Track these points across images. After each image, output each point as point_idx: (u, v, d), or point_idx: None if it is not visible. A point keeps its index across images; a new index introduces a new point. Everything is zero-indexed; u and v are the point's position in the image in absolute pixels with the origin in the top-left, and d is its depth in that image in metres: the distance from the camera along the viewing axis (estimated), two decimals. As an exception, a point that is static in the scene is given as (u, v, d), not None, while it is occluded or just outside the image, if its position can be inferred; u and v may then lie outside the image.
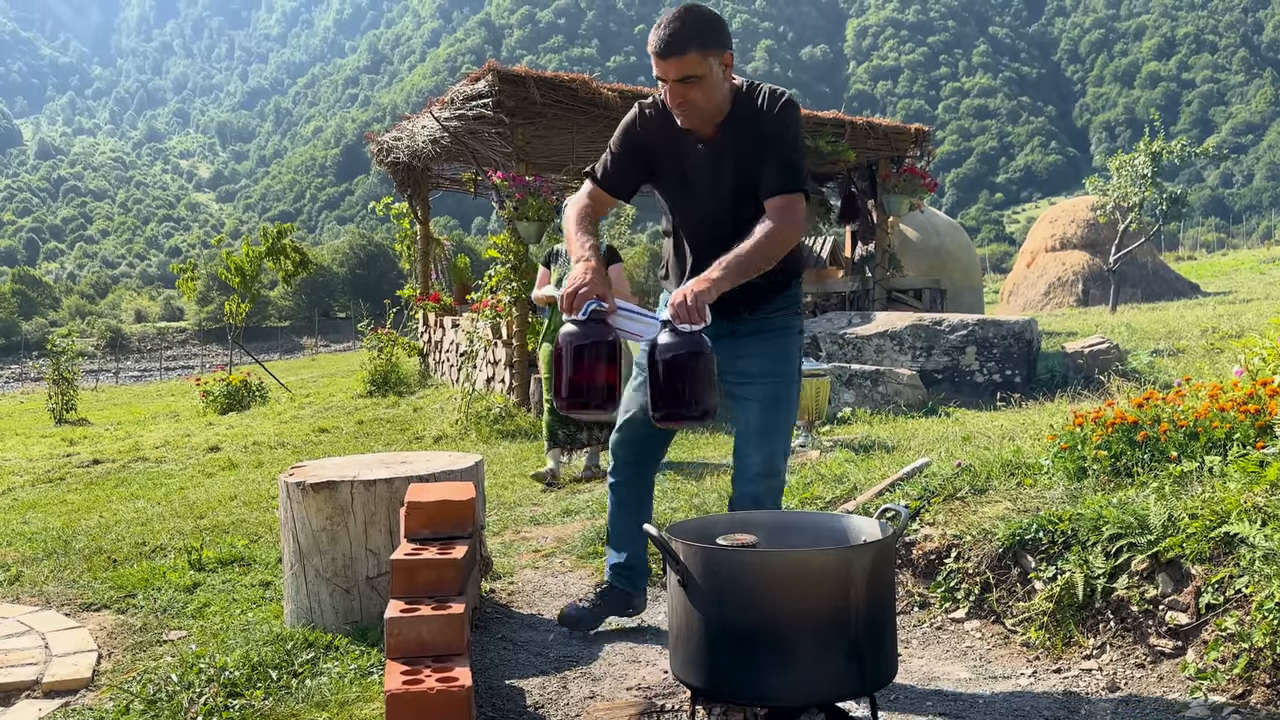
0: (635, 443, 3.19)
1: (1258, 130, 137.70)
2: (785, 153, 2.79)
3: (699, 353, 2.51)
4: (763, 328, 2.97)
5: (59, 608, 3.86)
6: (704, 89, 2.74)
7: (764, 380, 2.96)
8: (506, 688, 2.91)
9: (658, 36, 2.71)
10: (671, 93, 2.75)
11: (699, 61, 2.69)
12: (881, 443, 5.70)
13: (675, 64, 2.69)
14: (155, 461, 8.27)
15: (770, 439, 2.97)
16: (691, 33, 2.69)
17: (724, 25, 2.78)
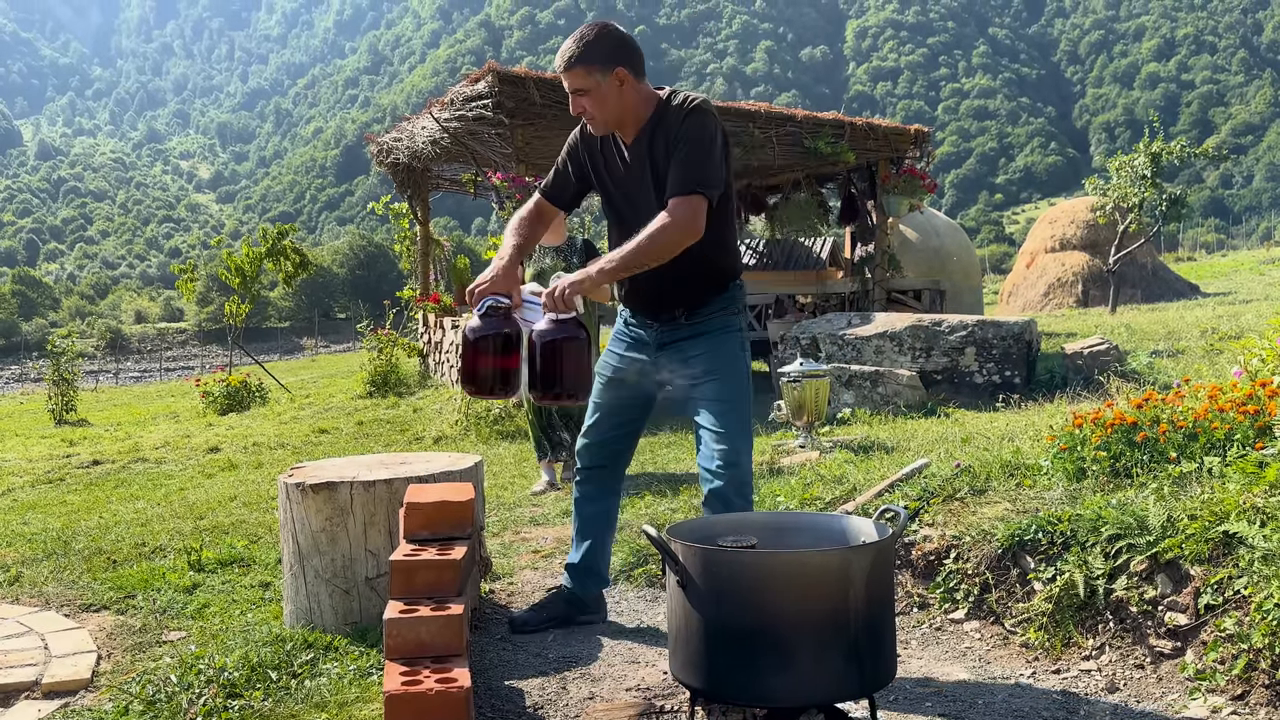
0: (592, 450, 3.33)
1: (1257, 131, 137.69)
2: (688, 154, 2.92)
3: (572, 338, 2.78)
4: (702, 329, 3.09)
5: (58, 608, 3.86)
6: (594, 100, 2.97)
7: (710, 379, 3.07)
8: (506, 688, 2.91)
9: (563, 47, 3.00)
10: (575, 104, 3.00)
11: (584, 76, 2.94)
12: (881, 443, 5.70)
13: (566, 77, 2.98)
14: (155, 462, 8.27)
15: (726, 435, 3.05)
16: (581, 51, 2.94)
17: (619, 44, 2.97)
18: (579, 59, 2.93)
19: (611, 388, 3.26)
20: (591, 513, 3.37)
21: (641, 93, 3.01)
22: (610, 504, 3.41)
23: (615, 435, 3.30)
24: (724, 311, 3.09)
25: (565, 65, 2.96)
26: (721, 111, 10.98)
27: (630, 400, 3.27)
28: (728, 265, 3.10)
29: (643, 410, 3.32)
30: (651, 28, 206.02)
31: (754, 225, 14.57)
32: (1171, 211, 17.54)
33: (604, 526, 3.42)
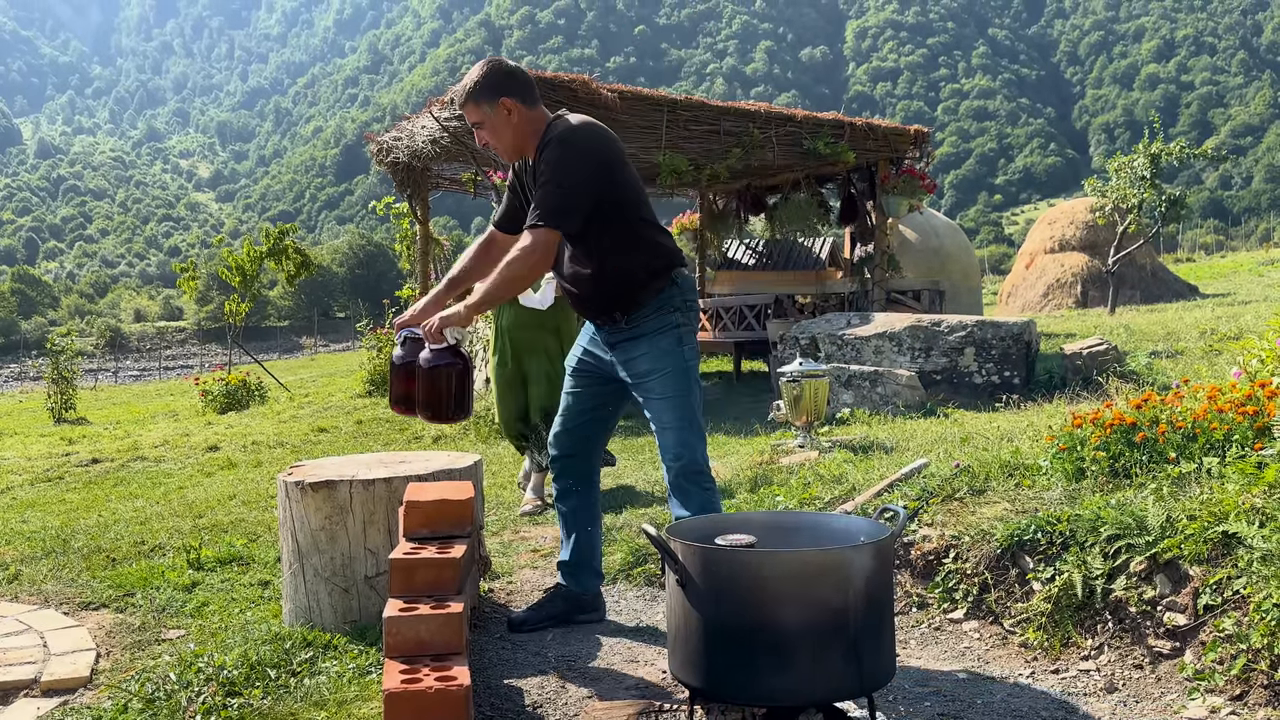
0: (561, 441, 3.41)
1: (1257, 132, 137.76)
2: (540, 186, 3.07)
3: (449, 365, 3.11)
4: (642, 331, 3.19)
5: (57, 606, 3.86)
6: (489, 131, 3.17)
7: (654, 377, 3.19)
8: (505, 687, 2.91)
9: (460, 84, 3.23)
10: (478, 137, 3.22)
11: (475, 110, 3.16)
12: (880, 443, 5.70)
13: (463, 113, 3.20)
14: (154, 461, 8.27)
15: (674, 428, 3.17)
16: (469, 88, 3.16)
17: (504, 76, 3.15)
18: (467, 96, 3.15)
19: (576, 378, 3.40)
20: (573, 506, 3.43)
21: (532, 119, 3.16)
22: (590, 495, 3.46)
23: (582, 423, 3.39)
24: (659, 311, 3.18)
25: (459, 103, 3.20)
26: (721, 111, 10.99)
27: (595, 390, 3.37)
28: (645, 268, 3.18)
29: (608, 400, 3.40)
30: (651, 27, 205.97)
31: (753, 225, 14.58)
32: (1170, 213, 17.54)
33: (588, 519, 3.46)
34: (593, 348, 3.36)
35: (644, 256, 3.18)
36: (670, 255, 3.23)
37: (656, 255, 3.21)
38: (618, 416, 3.50)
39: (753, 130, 10.54)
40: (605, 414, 3.44)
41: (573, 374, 3.41)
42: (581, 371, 3.39)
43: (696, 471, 3.17)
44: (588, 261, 3.17)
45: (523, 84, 3.15)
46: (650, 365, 3.18)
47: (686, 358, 3.20)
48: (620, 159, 3.14)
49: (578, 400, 3.39)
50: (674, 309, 3.21)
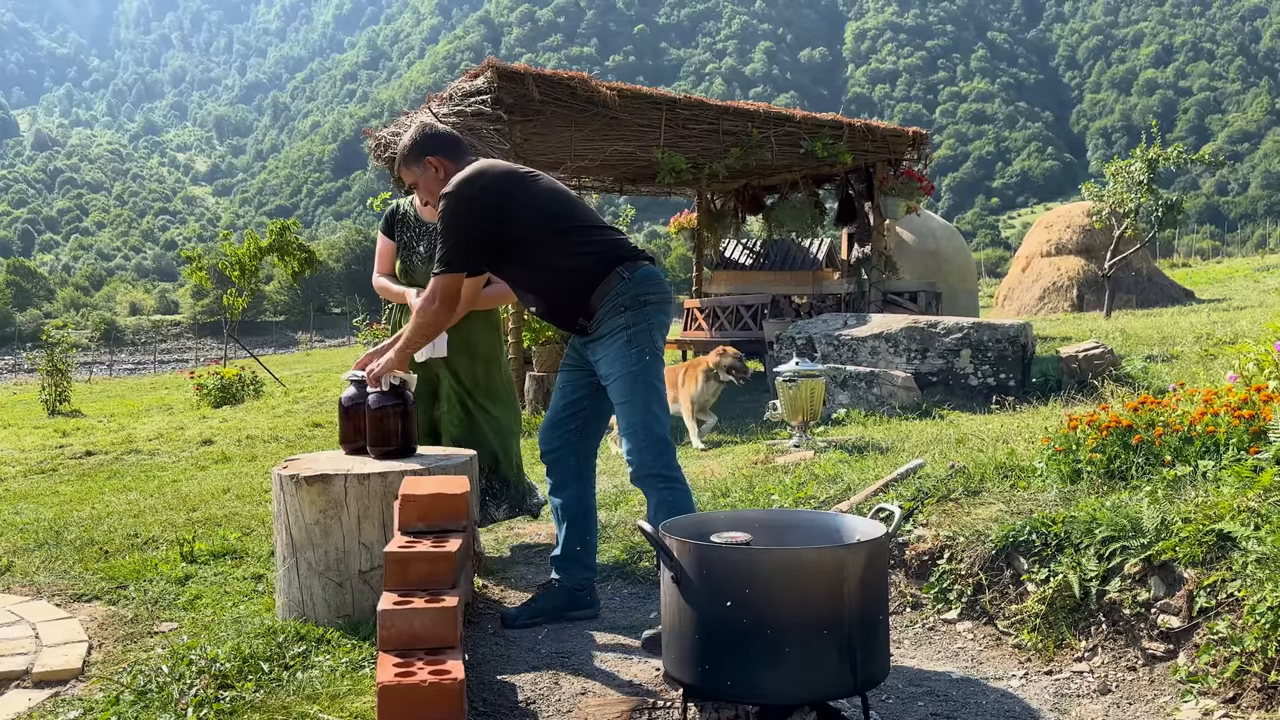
0: (549, 430, 3.48)
1: (1254, 138, 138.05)
2: (438, 238, 3.31)
3: (392, 406, 3.47)
4: (599, 334, 3.28)
5: (50, 598, 3.85)
6: (423, 189, 3.50)
7: (610, 380, 3.30)
8: (498, 683, 2.91)
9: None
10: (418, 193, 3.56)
11: (407, 172, 3.51)
12: (875, 444, 5.70)
13: (401, 175, 3.53)
14: (148, 454, 8.26)
15: (627, 434, 3.26)
16: (400, 154, 3.51)
17: (429, 139, 3.46)
18: (399, 161, 3.52)
19: (565, 372, 3.50)
20: (564, 500, 3.46)
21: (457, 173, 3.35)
22: (580, 489, 3.48)
23: (566, 416, 3.46)
24: (611, 313, 3.24)
25: (396, 168, 3.57)
26: (720, 110, 10.97)
27: (579, 386, 3.45)
28: (586, 274, 3.25)
29: (588, 393, 3.45)
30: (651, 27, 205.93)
31: (751, 225, 14.58)
32: (1167, 217, 17.56)
33: (580, 512, 3.47)
34: (577, 346, 3.47)
35: (582, 261, 3.25)
36: (611, 251, 3.28)
37: (595, 258, 3.27)
38: (603, 415, 3.52)
39: (751, 130, 10.54)
40: (589, 408, 3.48)
41: (563, 369, 3.50)
42: (568, 366, 3.49)
43: (646, 475, 3.24)
44: (531, 283, 3.35)
45: (448, 142, 3.47)
46: (606, 369, 3.29)
47: (632, 362, 3.23)
48: (506, 199, 3.26)
49: (561, 394, 3.49)
50: (623, 308, 3.24)
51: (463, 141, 3.52)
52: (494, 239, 3.26)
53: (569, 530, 3.46)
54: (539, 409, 9.06)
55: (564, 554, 3.47)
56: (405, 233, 4.20)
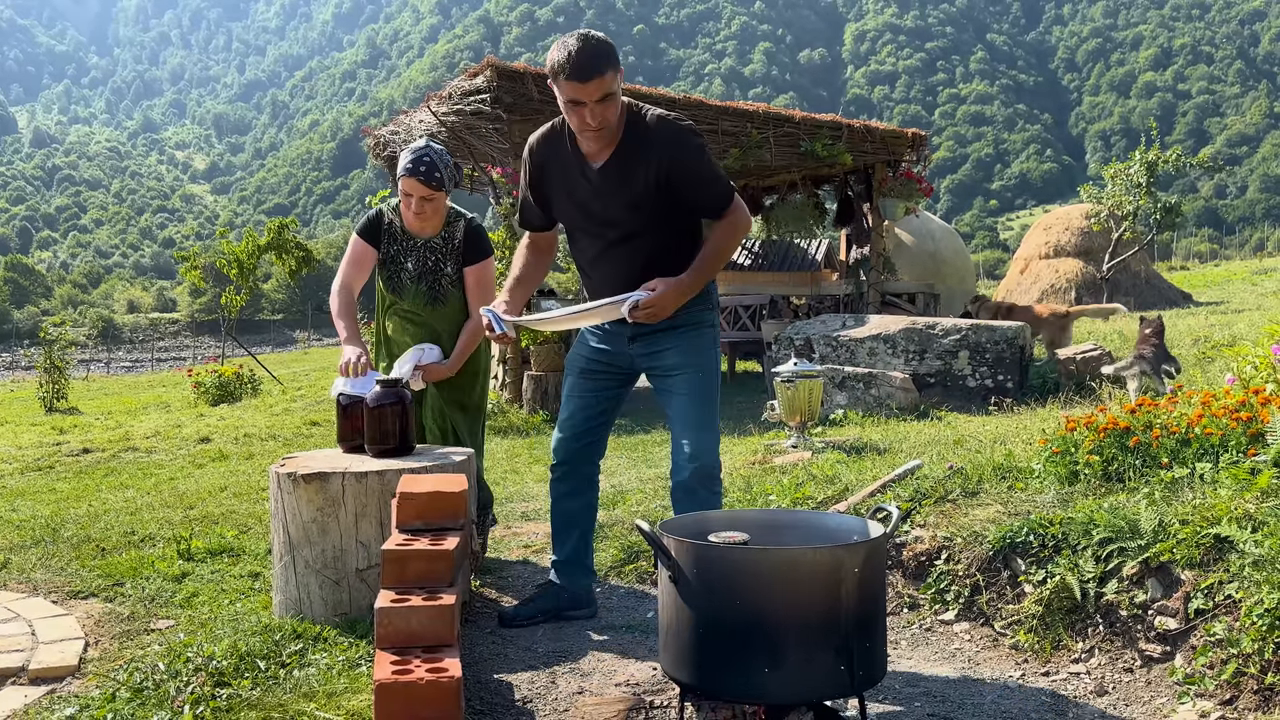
0: (569, 443, 3.34)
1: (1252, 142, 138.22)
2: (710, 168, 3.02)
3: (396, 402, 3.45)
4: (677, 324, 3.10)
5: (46, 595, 3.85)
6: (613, 106, 2.92)
7: (683, 373, 3.13)
8: (495, 681, 2.91)
9: (573, 60, 2.80)
10: (591, 114, 2.86)
11: (612, 81, 2.85)
12: (873, 445, 5.70)
13: (597, 84, 2.82)
14: (145, 451, 8.25)
15: (696, 428, 3.12)
16: (606, 51, 2.85)
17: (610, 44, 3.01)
18: (611, 60, 2.84)
19: (587, 379, 3.30)
20: (575, 507, 3.39)
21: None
22: (591, 497, 3.43)
23: (590, 427, 3.32)
24: (697, 306, 3.12)
25: (599, 70, 2.81)
26: (720, 111, 11.00)
27: (603, 392, 3.31)
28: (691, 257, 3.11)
29: (615, 402, 3.36)
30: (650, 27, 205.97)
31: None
32: (1165, 220, 17.62)
33: (589, 521, 3.45)
34: (604, 344, 3.26)
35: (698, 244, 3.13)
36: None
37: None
38: (616, 416, 3.46)
39: (751, 130, 10.55)
40: (609, 418, 3.39)
41: (582, 375, 3.31)
42: (593, 372, 3.30)
43: (709, 475, 3.13)
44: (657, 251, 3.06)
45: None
46: (679, 360, 3.12)
47: (712, 358, 3.16)
48: None
49: (584, 405, 3.30)
50: (710, 305, 3.18)
51: None
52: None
53: (579, 538, 3.40)
54: (536, 409, 9.06)
55: (570, 559, 3.42)
56: (392, 245, 4.03)
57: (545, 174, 3.15)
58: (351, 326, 3.89)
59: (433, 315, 4.02)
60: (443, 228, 4.01)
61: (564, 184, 3.11)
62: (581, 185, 3.07)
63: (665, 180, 2.99)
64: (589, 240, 3.17)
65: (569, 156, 3.07)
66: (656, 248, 3.08)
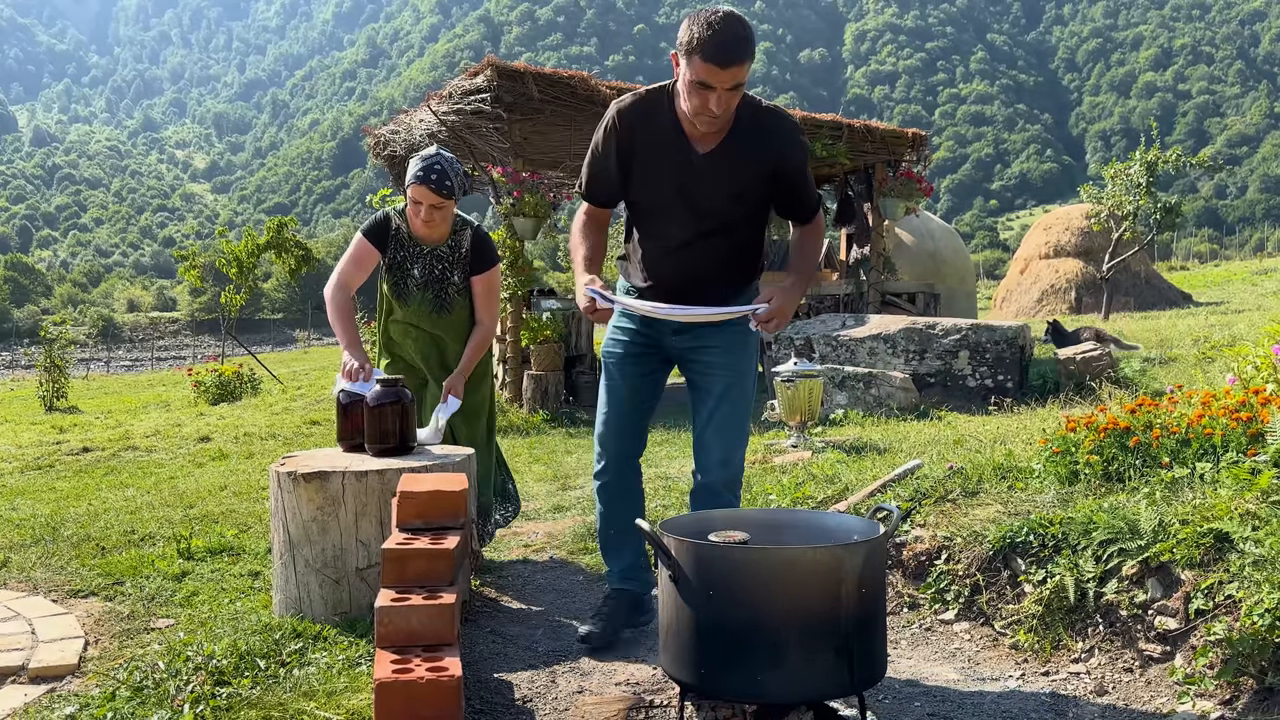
0: (620, 435, 3.15)
1: (1252, 142, 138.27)
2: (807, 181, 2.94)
3: (396, 402, 3.48)
4: (725, 324, 2.98)
5: (46, 594, 3.85)
6: (737, 94, 2.73)
7: (722, 374, 3.03)
8: (495, 681, 2.91)
9: (717, 42, 2.58)
10: (718, 100, 2.66)
11: (749, 68, 2.67)
12: (873, 444, 5.70)
13: (734, 72, 2.62)
14: (145, 450, 8.25)
15: (728, 430, 3.03)
16: (749, 37, 2.64)
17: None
18: (749, 51, 2.63)
19: (630, 364, 3.10)
20: (627, 511, 3.15)
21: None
22: (641, 495, 3.26)
23: (640, 414, 3.14)
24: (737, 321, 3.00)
25: (741, 57, 2.61)
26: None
27: (649, 376, 3.14)
28: (756, 265, 3.07)
29: (659, 387, 3.19)
30: (651, 26, 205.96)
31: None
32: (1165, 220, 17.61)
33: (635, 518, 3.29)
34: (644, 329, 3.07)
35: (758, 257, 3.08)
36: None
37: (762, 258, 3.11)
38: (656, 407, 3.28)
39: (751, 130, 10.54)
40: (655, 404, 3.20)
41: (626, 360, 3.08)
42: (637, 356, 3.09)
43: (734, 480, 3.06)
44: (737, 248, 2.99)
45: None
46: (721, 360, 3.01)
47: (755, 364, 3.09)
48: None
49: (636, 390, 3.09)
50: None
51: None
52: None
53: (639, 541, 3.21)
54: (536, 408, 9.06)
55: (636, 564, 3.25)
56: (398, 251, 4.00)
57: (635, 146, 2.90)
58: (350, 331, 3.87)
59: (437, 324, 4.00)
60: (450, 235, 3.97)
61: (659, 162, 2.88)
62: (683, 168, 2.86)
63: (772, 174, 2.88)
64: (678, 227, 2.95)
65: (669, 134, 2.85)
66: (738, 244, 2.98)
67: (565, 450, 7.27)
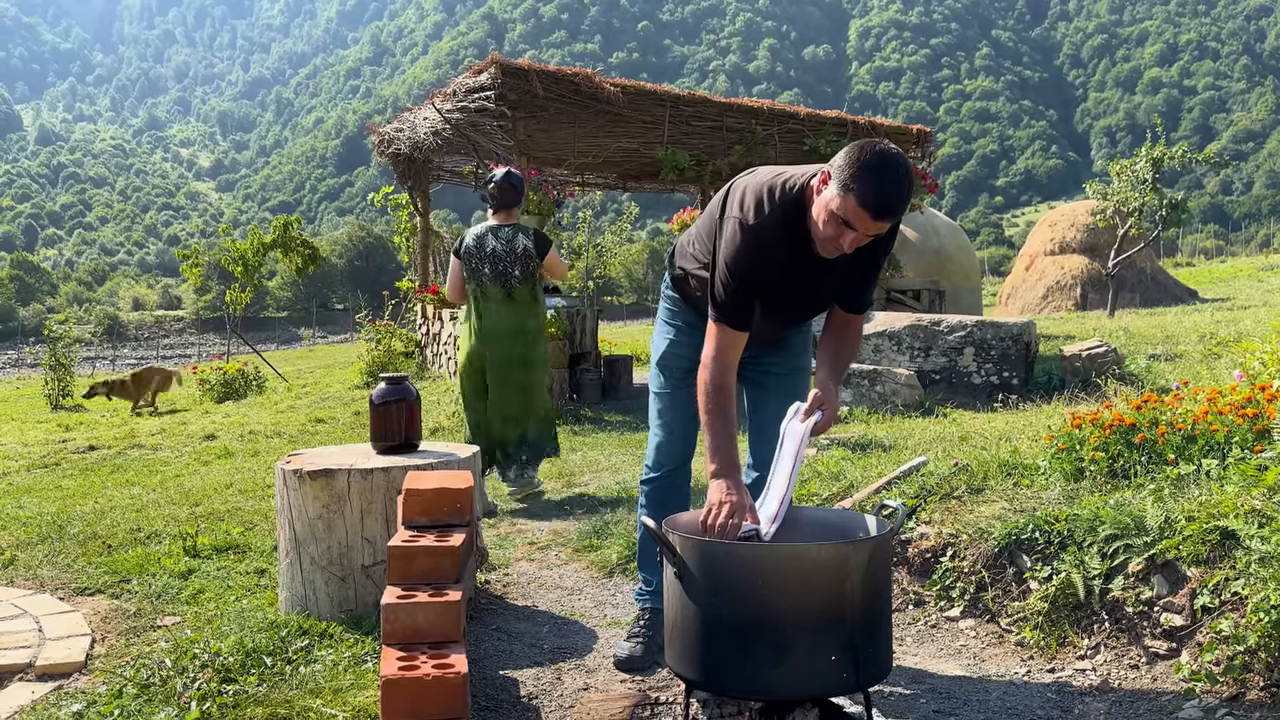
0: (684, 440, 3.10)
1: (1258, 138, 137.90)
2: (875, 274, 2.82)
3: (402, 400, 3.54)
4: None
5: (53, 592, 3.86)
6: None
7: (781, 372, 3.05)
8: (501, 678, 2.91)
9: (880, 191, 2.40)
10: (854, 241, 2.50)
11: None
12: (879, 441, 5.70)
13: (887, 224, 2.47)
14: (151, 449, 8.26)
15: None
16: (910, 190, 2.48)
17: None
18: (905, 206, 2.51)
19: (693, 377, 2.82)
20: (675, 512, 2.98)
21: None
22: (689, 501, 3.17)
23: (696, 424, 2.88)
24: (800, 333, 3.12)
25: (890, 214, 2.45)
26: (724, 107, 10.99)
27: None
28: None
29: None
30: (655, 24, 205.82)
31: (754, 222, 14.60)
32: (1171, 217, 17.56)
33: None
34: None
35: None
36: None
37: None
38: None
39: (755, 127, 10.54)
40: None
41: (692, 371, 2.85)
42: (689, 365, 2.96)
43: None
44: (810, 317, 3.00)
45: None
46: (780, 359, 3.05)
47: (810, 360, 3.11)
48: None
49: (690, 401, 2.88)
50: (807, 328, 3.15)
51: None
52: None
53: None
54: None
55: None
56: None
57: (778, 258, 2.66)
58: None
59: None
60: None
61: (787, 269, 2.69)
62: (806, 273, 2.71)
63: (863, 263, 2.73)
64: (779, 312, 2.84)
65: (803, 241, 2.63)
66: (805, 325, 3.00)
67: (570, 448, 7.26)
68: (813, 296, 2.82)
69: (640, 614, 3.13)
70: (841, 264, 2.66)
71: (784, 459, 2.58)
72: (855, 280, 2.79)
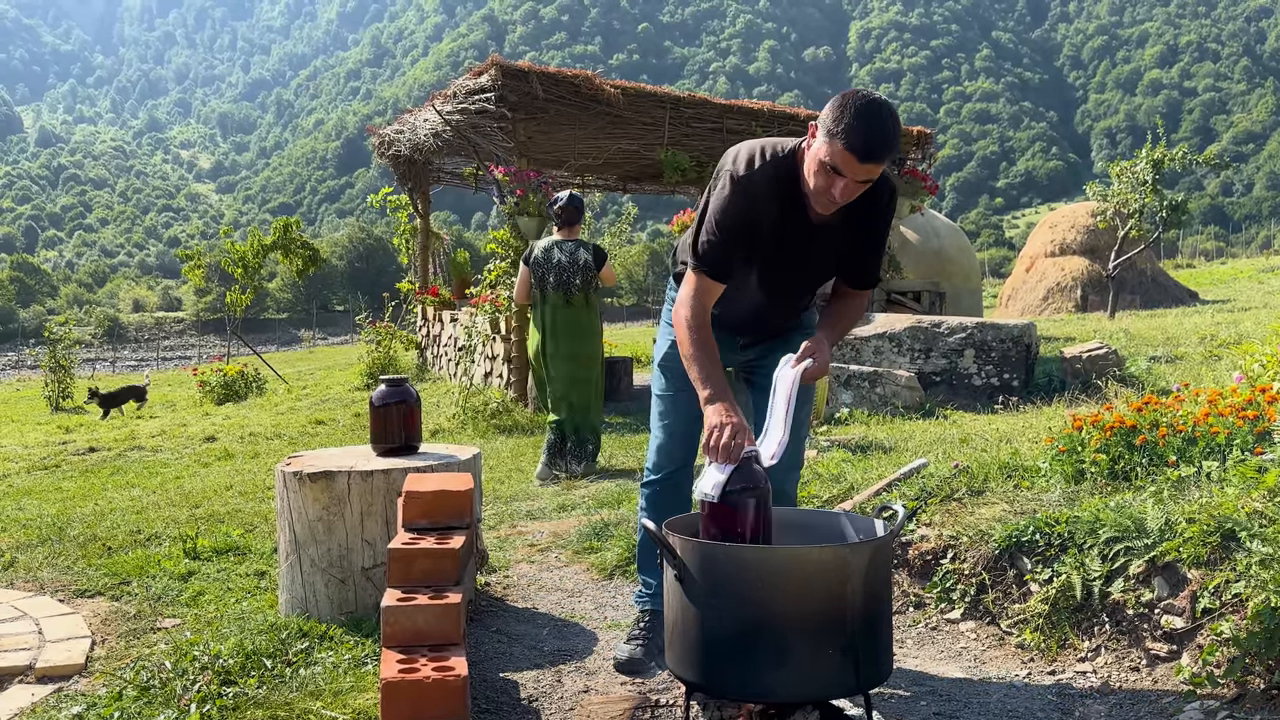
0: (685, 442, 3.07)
1: (1259, 140, 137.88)
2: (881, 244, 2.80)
3: (402, 401, 3.57)
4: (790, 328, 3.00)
5: (53, 594, 3.86)
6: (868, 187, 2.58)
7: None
8: (501, 680, 2.91)
9: (864, 133, 2.40)
10: (844, 189, 2.49)
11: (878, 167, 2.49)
12: (879, 443, 5.70)
13: (875, 168, 2.46)
14: (151, 450, 8.26)
15: (797, 428, 2.92)
16: (897, 136, 2.46)
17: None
18: (893, 150, 2.47)
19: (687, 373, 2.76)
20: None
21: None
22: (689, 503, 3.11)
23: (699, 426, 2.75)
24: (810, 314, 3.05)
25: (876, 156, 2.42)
26: (724, 109, 11.00)
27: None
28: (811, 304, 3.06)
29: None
30: (655, 25, 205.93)
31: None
32: (1172, 218, 17.56)
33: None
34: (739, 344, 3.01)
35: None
36: None
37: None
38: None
39: (756, 129, 10.53)
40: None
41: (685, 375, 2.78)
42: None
43: (798, 481, 3.11)
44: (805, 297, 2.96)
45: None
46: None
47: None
48: None
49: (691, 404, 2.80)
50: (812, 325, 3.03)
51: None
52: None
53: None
54: (538, 408, 9.05)
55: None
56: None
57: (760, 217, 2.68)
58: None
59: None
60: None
61: (777, 230, 2.69)
62: (798, 236, 2.70)
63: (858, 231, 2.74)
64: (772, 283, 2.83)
65: (790, 200, 2.65)
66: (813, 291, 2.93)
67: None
68: (807, 265, 2.81)
69: (640, 616, 3.12)
70: (835, 230, 2.68)
71: (778, 403, 2.62)
72: (852, 249, 2.77)
